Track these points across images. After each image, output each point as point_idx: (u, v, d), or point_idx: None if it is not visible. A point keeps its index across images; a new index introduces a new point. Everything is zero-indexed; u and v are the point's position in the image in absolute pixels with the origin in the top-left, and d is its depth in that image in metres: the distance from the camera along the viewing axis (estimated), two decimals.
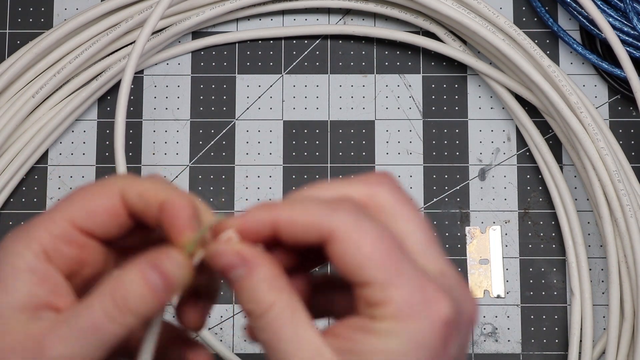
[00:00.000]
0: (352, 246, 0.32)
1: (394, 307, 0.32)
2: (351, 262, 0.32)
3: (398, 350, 0.31)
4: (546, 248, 0.63)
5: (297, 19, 0.66)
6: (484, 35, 0.60)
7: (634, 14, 0.61)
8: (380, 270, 0.32)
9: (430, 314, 0.32)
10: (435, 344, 0.32)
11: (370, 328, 0.32)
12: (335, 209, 0.33)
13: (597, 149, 0.59)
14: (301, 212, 0.33)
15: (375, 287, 0.32)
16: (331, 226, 0.32)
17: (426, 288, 0.32)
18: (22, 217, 0.63)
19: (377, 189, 0.34)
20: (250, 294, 0.32)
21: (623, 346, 0.59)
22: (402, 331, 0.31)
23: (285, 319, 0.32)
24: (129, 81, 0.60)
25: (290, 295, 0.33)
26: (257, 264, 0.33)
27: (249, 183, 0.64)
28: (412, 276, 0.32)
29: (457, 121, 0.65)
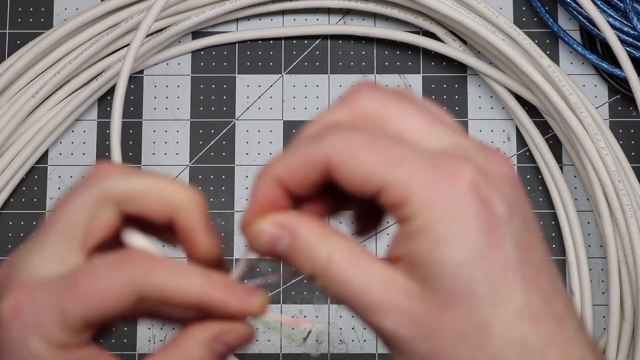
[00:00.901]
0: (349, 161, 0.31)
1: (417, 197, 0.30)
2: (356, 178, 0.31)
3: (446, 234, 0.30)
4: None
5: (297, 19, 0.66)
6: (484, 35, 0.60)
7: (634, 14, 0.61)
8: (385, 169, 0.31)
9: (453, 183, 0.30)
10: (474, 208, 0.30)
11: (413, 231, 0.30)
12: (322, 137, 0.32)
13: (597, 149, 0.59)
14: (294, 158, 0.32)
15: (390, 187, 0.30)
16: (325, 155, 0.31)
17: (439, 163, 0.31)
18: (22, 217, 0.63)
19: (357, 102, 0.33)
20: (304, 255, 0.32)
21: (623, 346, 0.59)
22: (437, 214, 0.30)
23: (348, 263, 0.31)
24: (124, 85, 0.60)
25: (342, 239, 0.32)
26: (297, 224, 0.32)
27: (249, 183, 0.64)
28: (420, 158, 0.31)
29: (457, 121, 0.64)
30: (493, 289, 0.30)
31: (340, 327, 0.61)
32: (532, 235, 0.32)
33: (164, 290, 0.32)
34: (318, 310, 0.62)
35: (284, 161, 0.32)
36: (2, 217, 0.63)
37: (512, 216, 0.31)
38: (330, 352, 0.62)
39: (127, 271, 0.32)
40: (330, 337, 0.62)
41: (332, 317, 0.62)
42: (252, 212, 0.33)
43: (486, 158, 0.32)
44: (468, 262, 0.30)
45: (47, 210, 0.64)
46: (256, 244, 0.33)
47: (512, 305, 0.30)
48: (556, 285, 0.32)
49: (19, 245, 0.63)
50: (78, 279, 0.32)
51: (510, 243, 0.31)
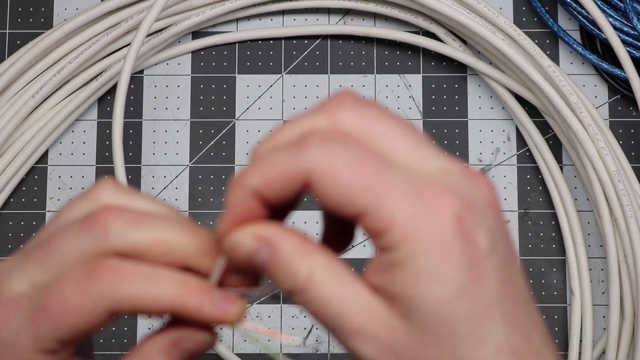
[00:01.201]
0: (332, 180, 0.29)
1: (399, 228, 0.29)
2: (337, 198, 0.29)
3: (428, 270, 0.29)
4: (546, 248, 0.63)
5: (297, 19, 0.66)
6: (484, 35, 0.60)
7: (634, 14, 0.61)
8: (369, 194, 0.29)
9: (436, 217, 0.29)
10: (457, 243, 0.29)
11: (393, 263, 0.29)
12: (302, 147, 0.30)
13: (597, 149, 0.59)
14: (271, 168, 0.30)
15: (372, 214, 0.29)
16: (305, 168, 0.29)
17: (423, 192, 0.29)
18: (22, 217, 0.63)
19: (338, 114, 0.31)
20: (284, 271, 0.30)
21: (623, 346, 0.59)
22: (419, 249, 0.29)
23: (329, 283, 0.30)
24: (125, 85, 0.60)
25: (324, 256, 0.30)
26: (278, 237, 0.30)
27: None
28: (404, 186, 0.29)
29: (457, 121, 0.65)
30: (475, 327, 0.29)
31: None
32: (513, 267, 0.31)
33: (135, 301, 0.31)
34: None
35: (259, 171, 0.30)
36: (2, 217, 0.63)
37: (495, 249, 0.30)
38: (330, 352, 0.62)
39: (95, 287, 0.31)
40: (331, 337, 0.62)
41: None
42: (229, 222, 0.31)
43: (470, 185, 0.30)
44: (450, 299, 0.29)
45: (47, 210, 0.64)
46: (233, 255, 0.31)
47: (493, 342, 0.30)
48: (534, 318, 0.31)
49: (19, 245, 0.63)
50: (47, 298, 0.31)
51: (492, 278, 0.30)
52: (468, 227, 0.29)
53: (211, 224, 0.63)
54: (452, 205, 0.29)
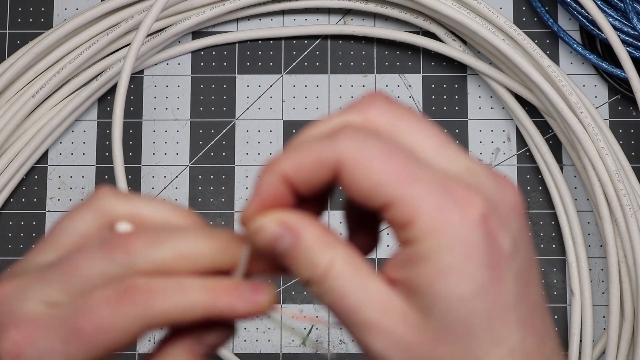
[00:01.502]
0: (362, 168, 0.29)
1: (425, 220, 0.29)
2: (365, 186, 0.29)
3: (451, 266, 0.29)
4: (546, 248, 0.63)
5: (297, 19, 0.66)
6: (484, 35, 0.60)
7: (634, 14, 0.61)
8: (397, 185, 0.29)
9: (463, 214, 0.29)
10: (481, 241, 0.29)
11: (415, 256, 0.29)
12: (336, 137, 0.30)
13: (597, 149, 0.59)
14: (303, 154, 0.30)
15: (399, 205, 0.29)
16: (336, 155, 0.30)
17: (451, 188, 0.29)
18: (22, 217, 0.63)
19: (370, 111, 0.31)
20: (304, 260, 0.30)
21: (623, 346, 0.59)
22: (444, 244, 0.29)
23: (348, 276, 0.30)
24: (125, 85, 0.60)
25: (345, 249, 0.30)
26: (302, 226, 0.31)
27: (249, 183, 0.64)
28: (433, 181, 0.29)
29: (457, 121, 0.65)
30: (491, 327, 0.30)
31: (340, 327, 0.61)
32: (532, 272, 0.31)
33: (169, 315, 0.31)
34: (318, 310, 0.62)
35: (292, 157, 0.31)
36: (2, 217, 0.63)
37: (517, 252, 0.30)
38: (330, 352, 0.62)
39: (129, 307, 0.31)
40: (331, 337, 0.62)
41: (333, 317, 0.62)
42: (254, 206, 0.31)
43: (496, 187, 0.31)
44: (470, 296, 0.29)
45: (47, 210, 0.64)
46: (256, 240, 0.31)
47: (507, 344, 0.30)
48: (548, 325, 0.31)
49: (19, 245, 0.63)
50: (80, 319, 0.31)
51: (512, 280, 0.30)
52: (493, 227, 0.29)
53: (211, 224, 0.63)
54: (479, 204, 0.29)
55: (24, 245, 0.63)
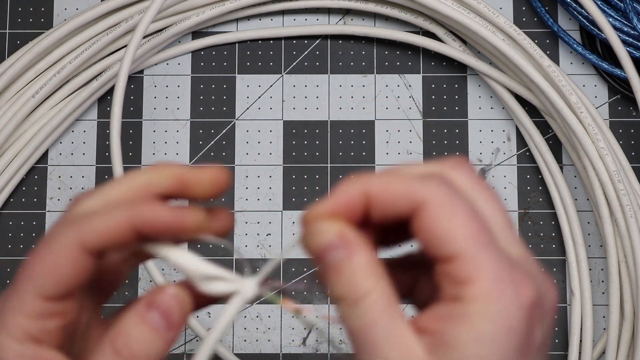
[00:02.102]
0: (445, 215, 0.31)
1: (483, 285, 0.30)
2: (442, 232, 0.31)
3: (489, 335, 0.30)
4: (546, 248, 0.63)
5: (297, 19, 0.66)
6: (484, 35, 0.60)
7: (634, 14, 0.61)
8: (470, 243, 0.31)
9: (518, 296, 0.30)
10: (523, 327, 0.30)
11: (459, 314, 0.30)
12: (428, 180, 0.32)
13: (597, 149, 0.59)
14: (394, 182, 0.32)
15: (465, 261, 0.30)
16: (424, 195, 0.31)
17: (513, 268, 0.31)
18: (22, 217, 0.63)
19: (456, 172, 0.33)
20: (347, 278, 0.31)
21: (623, 346, 0.59)
22: (492, 314, 0.30)
23: (381, 309, 0.31)
24: (122, 88, 0.60)
25: (386, 284, 0.31)
26: (358, 247, 0.32)
27: (249, 183, 0.64)
28: (501, 255, 0.31)
29: (457, 121, 0.65)
30: None
31: (340, 327, 0.61)
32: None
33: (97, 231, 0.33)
34: (318, 310, 0.62)
35: (383, 179, 0.32)
36: (2, 217, 0.63)
37: (542, 347, 0.32)
38: (330, 351, 0.62)
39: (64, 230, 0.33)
40: (330, 337, 0.62)
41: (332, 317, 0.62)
42: (325, 208, 0.32)
43: (545, 283, 0.32)
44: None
45: (47, 210, 0.64)
46: (310, 240, 0.32)
47: None
48: None
49: (19, 245, 0.63)
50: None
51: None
52: (534, 319, 0.31)
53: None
54: (531, 292, 0.31)
55: (24, 245, 0.63)
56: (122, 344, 0.32)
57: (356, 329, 0.31)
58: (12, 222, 0.64)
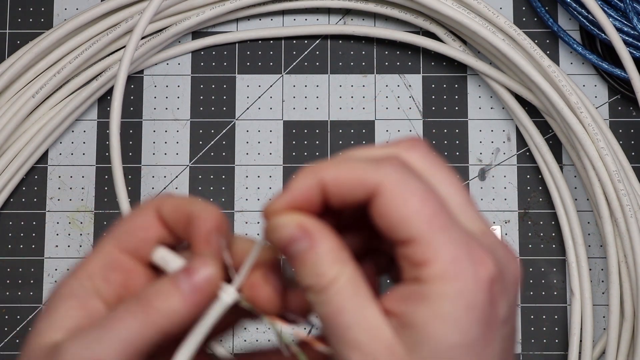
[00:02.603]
0: (399, 200, 0.31)
1: (440, 265, 0.30)
2: (397, 217, 0.31)
3: (450, 314, 0.30)
4: (546, 248, 0.63)
5: (297, 19, 0.66)
6: (484, 35, 0.60)
7: (634, 14, 0.61)
8: (426, 226, 0.31)
9: (476, 272, 0.31)
10: (483, 304, 0.31)
11: (419, 294, 0.31)
12: (382, 164, 0.32)
13: (597, 149, 0.59)
14: (347, 169, 0.32)
15: (421, 243, 0.31)
16: (378, 180, 0.31)
17: (471, 246, 0.31)
18: (22, 217, 0.63)
19: (413, 154, 0.33)
20: (312, 268, 0.31)
21: (623, 346, 0.59)
22: (451, 292, 0.30)
23: (348, 294, 0.31)
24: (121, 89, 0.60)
25: (353, 269, 0.32)
26: (320, 236, 0.32)
27: (249, 183, 0.64)
28: (458, 234, 0.31)
29: (457, 121, 0.65)
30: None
31: None
32: (513, 341, 0.33)
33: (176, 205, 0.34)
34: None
35: (336, 168, 0.32)
36: (2, 217, 0.63)
37: (508, 321, 0.32)
38: None
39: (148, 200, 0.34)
40: None
41: None
42: (282, 202, 0.32)
43: (505, 256, 0.32)
44: (458, 348, 0.30)
45: (47, 210, 0.64)
46: (272, 235, 0.32)
47: None
48: None
49: (19, 245, 0.63)
50: None
51: (498, 345, 0.32)
52: (495, 292, 0.31)
53: None
54: (490, 267, 0.31)
55: (24, 245, 0.63)
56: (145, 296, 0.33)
57: (325, 315, 0.31)
58: (12, 222, 0.64)
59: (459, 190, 0.33)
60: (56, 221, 0.63)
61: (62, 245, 0.63)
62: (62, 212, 0.64)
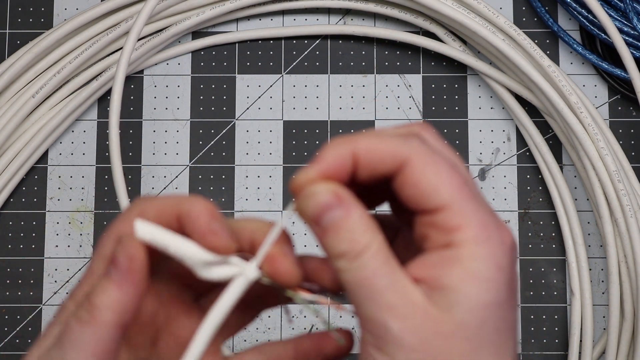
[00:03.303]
0: (430, 170, 0.32)
1: (472, 229, 0.32)
2: (429, 186, 0.32)
3: (483, 274, 0.32)
4: (546, 248, 0.63)
5: (297, 19, 0.66)
6: (484, 35, 0.60)
7: (634, 14, 0.61)
8: (457, 194, 0.32)
9: (502, 238, 0.32)
10: (509, 266, 0.32)
11: (452, 258, 0.32)
12: (409, 139, 0.33)
13: (597, 149, 0.59)
14: (379, 141, 0.33)
15: (453, 210, 0.32)
16: (408, 153, 0.33)
17: (494, 215, 0.33)
18: (22, 217, 0.63)
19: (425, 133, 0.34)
20: (346, 234, 0.32)
21: (623, 346, 0.59)
22: (483, 254, 0.32)
23: (381, 260, 0.32)
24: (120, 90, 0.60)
25: (382, 238, 0.33)
26: (353, 204, 0.33)
27: (249, 183, 0.64)
28: (484, 203, 0.33)
29: (457, 121, 0.65)
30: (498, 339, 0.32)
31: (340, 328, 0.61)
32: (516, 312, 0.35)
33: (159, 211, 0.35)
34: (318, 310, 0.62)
35: (369, 140, 0.33)
36: (2, 217, 0.63)
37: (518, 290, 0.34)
38: None
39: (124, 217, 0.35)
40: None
41: (332, 318, 0.62)
42: (315, 172, 0.33)
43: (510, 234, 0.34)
44: (490, 306, 0.32)
45: (47, 210, 0.64)
46: (306, 204, 0.33)
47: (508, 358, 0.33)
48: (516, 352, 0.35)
49: (19, 245, 0.63)
50: None
51: (516, 310, 0.34)
52: (514, 258, 0.33)
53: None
54: (510, 236, 0.33)
55: (24, 245, 0.63)
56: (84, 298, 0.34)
57: (357, 281, 0.32)
58: (12, 222, 0.64)
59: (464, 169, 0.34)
60: (56, 221, 0.63)
61: (62, 245, 0.63)
62: (62, 212, 0.64)
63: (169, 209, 0.35)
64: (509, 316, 0.33)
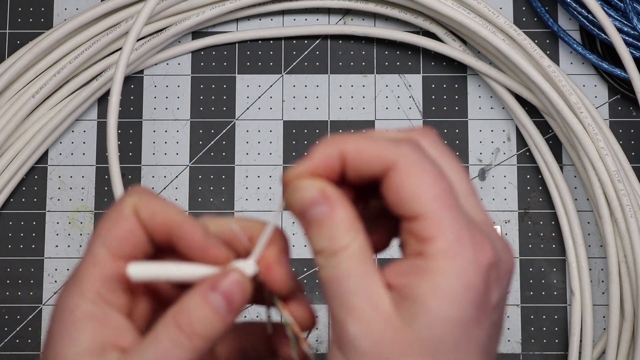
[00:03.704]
0: (413, 177, 0.32)
1: (444, 242, 0.32)
2: (408, 192, 0.32)
3: (449, 290, 0.32)
4: (546, 248, 0.63)
5: (297, 19, 0.66)
6: (484, 35, 0.60)
7: (634, 14, 0.61)
8: (435, 204, 0.32)
9: (477, 255, 0.32)
10: (480, 286, 0.32)
11: (421, 268, 0.32)
12: (400, 144, 0.33)
13: (597, 149, 0.59)
14: (368, 143, 0.33)
15: (429, 220, 0.32)
16: (395, 157, 0.33)
17: (473, 231, 0.33)
18: (22, 217, 0.63)
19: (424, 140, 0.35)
20: (328, 232, 0.33)
21: (623, 346, 0.59)
22: (452, 270, 0.32)
23: (356, 261, 0.33)
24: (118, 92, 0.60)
25: (364, 239, 0.33)
26: (338, 202, 0.33)
27: (249, 183, 0.64)
28: (463, 217, 0.33)
29: (457, 121, 0.65)
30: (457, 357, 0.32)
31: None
32: (499, 329, 0.35)
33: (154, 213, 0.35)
34: (318, 310, 0.62)
35: (356, 141, 0.33)
36: (2, 217, 0.63)
37: (497, 308, 0.33)
38: None
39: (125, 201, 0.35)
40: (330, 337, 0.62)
41: None
42: (303, 168, 0.34)
43: (503, 247, 0.34)
44: (453, 323, 0.32)
45: (47, 210, 0.64)
46: (294, 198, 0.34)
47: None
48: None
49: (19, 245, 0.63)
50: None
51: (486, 330, 0.33)
52: (491, 278, 0.33)
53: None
54: (489, 254, 0.33)
55: (24, 245, 0.63)
56: (185, 321, 0.33)
57: (331, 278, 0.33)
58: (12, 222, 0.63)
59: (465, 179, 0.34)
60: (56, 221, 0.63)
61: (62, 245, 0.63)
62: (62, 212, 0.64)
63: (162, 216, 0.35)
64: (475, 335, 0.32)
